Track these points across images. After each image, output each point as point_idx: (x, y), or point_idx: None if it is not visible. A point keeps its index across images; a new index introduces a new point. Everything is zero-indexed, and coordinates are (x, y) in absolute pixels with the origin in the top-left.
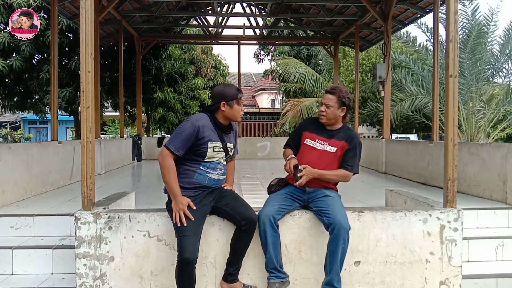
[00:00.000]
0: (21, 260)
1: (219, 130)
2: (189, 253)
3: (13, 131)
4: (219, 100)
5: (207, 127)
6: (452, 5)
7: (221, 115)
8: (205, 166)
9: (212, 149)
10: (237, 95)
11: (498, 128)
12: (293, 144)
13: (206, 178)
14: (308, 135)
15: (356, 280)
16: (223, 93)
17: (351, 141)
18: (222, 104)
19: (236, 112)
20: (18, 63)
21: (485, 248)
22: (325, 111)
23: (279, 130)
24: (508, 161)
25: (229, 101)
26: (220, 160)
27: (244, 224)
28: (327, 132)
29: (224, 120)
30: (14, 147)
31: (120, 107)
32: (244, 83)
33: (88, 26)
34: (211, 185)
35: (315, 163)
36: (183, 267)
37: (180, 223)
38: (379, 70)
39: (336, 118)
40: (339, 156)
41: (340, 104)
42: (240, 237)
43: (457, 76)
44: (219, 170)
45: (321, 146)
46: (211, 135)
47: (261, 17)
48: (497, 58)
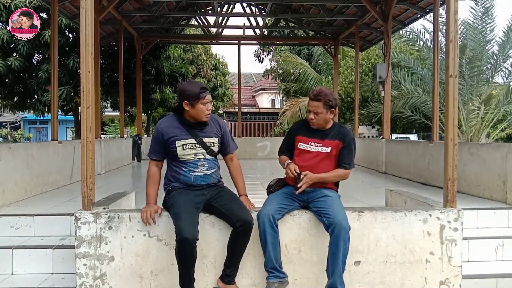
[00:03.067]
0: (21, 260)
1: (188, 127)
2: (186, 233)
3: (13, 131)
4: (182, 100)
5: (171, 127)
6: (452, 5)
7: (187, 113)
8: (186, 166)
9: (182, 147)
10: (199, 95)
11: (498, 128)
12: (287, 149)
13: (191, 176)
14: (301, 138)
15: (356, 280)
16: (185, 92)
17: (345, 139)
18: (184, 103)
19: (200, 111)
20: (17, 62)
21: (485, 248)
22: (314, 118)
23: (279, 130)
24: (508, 161)
25: (191, 101)
26: (199, 157)
27: (239, 225)
28: (319, 133)
29: (190, 118)
30: (14, 147)
31: (120, 107)
32: (244, 83)
33: (88, 26)
34: (200, 182)
35: (311, 166)
36: (182, 246)
37: (151, 222)
38: (379, 70)
39: (326, 121)
40: (334, 155)
41: (328, 108)
42: (235, 238)
43: (457, 76)
44: (202, 167)
45: (315, 148)
46: (177, 134)
47: (261, 17)
48: (497, 57)
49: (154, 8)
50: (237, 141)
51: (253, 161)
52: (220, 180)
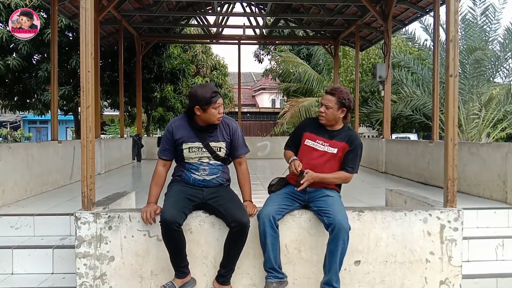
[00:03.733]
0: (21, 260)
1: (197, 130)
2: (167, 215)
3: (13, 131)
4: (193, 104)
5: (182, 128)
6: (452, 5)
7: (198, 117)
8: (188, 167)
9: (188, 150)
10: (211, 100)
11: (498, 128)
12: (293, 144)
13: (191, 178)
14: (308, 135)
15: (356, 280)
16: (196, 97)
17: (352, 143)
18: (196, 108)
19: (212, 116)
20: (16, 62)
21: (485, 248)
22: (324, 112)
23: (279, 129)
24: (508, 161)
25: (203, 106)
26: (203, 161)
27: (234, 226)
28: (328, 133)
29: (202, 122)
30: (14, 146)
31: (120, 107)
32: (244, 83)
33: (88, 26)
34: (198, 184)
35: (315, 164)
36: (163, 228)
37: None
38: (379, 70)
39: (335, 119)
40: (339, 157)
41: (340, 105)
42: (231, 238)
43: (457, 76)
44: (203, 171)
45: (321, 147)
46: (186, 136)
47: (261, 16)
48: (498, 57)
49: (154, 7)
50: None
51: (253, 161)
52: (223, 181)
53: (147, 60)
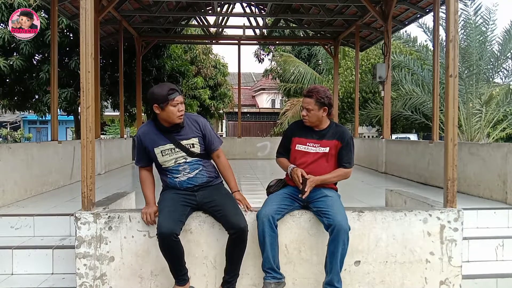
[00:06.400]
0: (21, 260)
1: (165, 132)
2: (163, 227)
3: (13, 131)
4: (152, 103)
5: (150, 133)
6: (452, 5)
7: (159, 117)
8: (169, 172)
9: (161, 153)
10: (168, 97)
11: (498, 128)
12: (285, 151)
13: (176, 182)
14: (298, 140)
15: (356, 280)
16: (153, 95)
17: (343, 139)
18: (155, 106)
19: (171, 114)
20: (18, 62)
21: (485, 248)
22: (307, 114)
23: (279, 130)
24: (508, 161)
25: (160, 103)
26: (180, 161)
27: (233, 233)
28: (317, 134)
29: (165, 122)
30: (14, 147)
31: (120, 107)
32: (244, 83)
33: (88, 26)
34: (186, 186)
35: (311, 167)
36: (161, 240)
37: (152, 223)
38: (379, 70)
39: (319, 119)
40: (333, 154)
41: (320, 105)
42: (231, 245)
43: (457, 76)
44: (183, 171)
45: (313, 149)
46: (154, 140)
47: (261, 17)
48: (497, 58)
49: (154, 8)
50: (237, 141)
51: (253, 161)
52: (211, 176)
53: (146, 62)
